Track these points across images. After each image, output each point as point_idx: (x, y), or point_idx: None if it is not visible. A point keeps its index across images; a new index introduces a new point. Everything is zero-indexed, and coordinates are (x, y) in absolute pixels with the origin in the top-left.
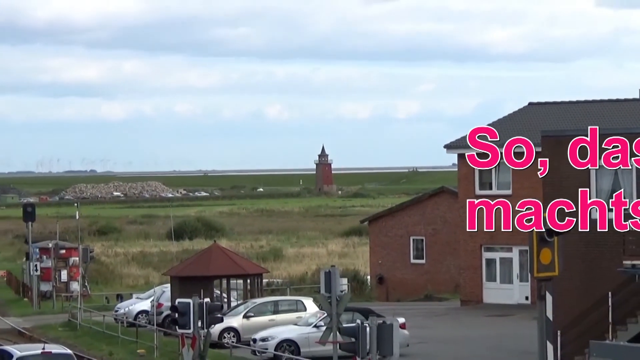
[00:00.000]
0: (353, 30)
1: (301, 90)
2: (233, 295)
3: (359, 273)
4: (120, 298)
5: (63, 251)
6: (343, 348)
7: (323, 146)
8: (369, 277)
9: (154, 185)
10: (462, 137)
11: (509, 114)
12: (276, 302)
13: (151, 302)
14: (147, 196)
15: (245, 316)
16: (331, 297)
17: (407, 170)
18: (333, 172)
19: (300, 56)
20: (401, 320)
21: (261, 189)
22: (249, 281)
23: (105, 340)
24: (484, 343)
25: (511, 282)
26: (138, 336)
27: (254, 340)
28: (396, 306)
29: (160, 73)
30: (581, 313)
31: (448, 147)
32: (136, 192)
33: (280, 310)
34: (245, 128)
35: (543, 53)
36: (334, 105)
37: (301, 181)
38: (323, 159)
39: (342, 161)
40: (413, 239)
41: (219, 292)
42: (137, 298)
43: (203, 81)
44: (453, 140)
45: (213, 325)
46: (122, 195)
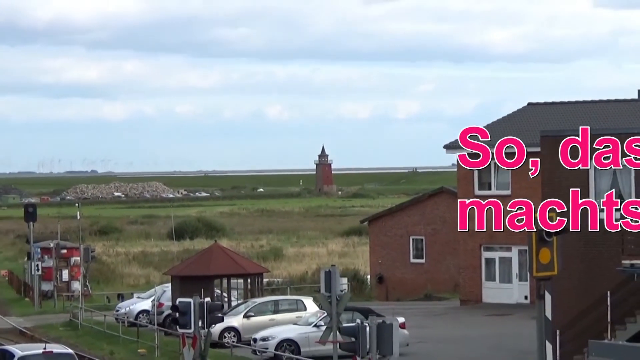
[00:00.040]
0: (353, 30)
1: (301, 90)
2: (233, 294)
3: (359, 273)
4: (121, 298)
5: (64, 251)
6: (343, 347)
7: (323, 146)
8: (369, 277)
9: (155, 185)
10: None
11: (508, 114)
12: (276, 302)
13: (152, 302)
14: (148, 196)
15: (245, 316)
16: (331, 297)
17: (407, 170)
18: (333, 173)
19: (300, 56)
20: (401, 319)
21: (261, 189)
22: (250, 281)
23: (106, 339)
24: (484, 342)
25: (510, 282)
26: (139, 336)
27: (254, 339)
28: (396, 306)
29: (160, 73)
30: (580, 312)
31: (447, 148)
32: (137, 193)
33: (280, 309)
34: (245, 128)
35: (542, 53)
36: (334, 105)
37: (301, 181)
38: (323, 159)
39: (342, 161)
40: (413, 239)
41: (220, 292)
42: (138, 298)
43: (203, 81)
44: (452, 140)
45: (214, 324)
46: (123, 195)
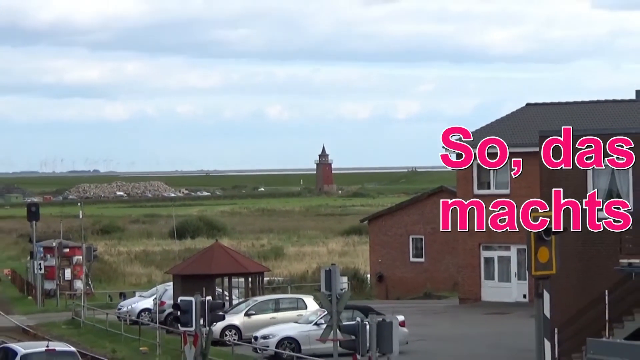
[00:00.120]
0: (353, 31)
1: (301, 90)
2: (235, 293)
3: (359, 271)
4: (123, 296)
5: (67, 250)
6: (343, 345)
7: (323, 146)
8: (369, 276)
9: (157, 185)
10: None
11: (507, 115)
12: (277, 300)
13: (154, 300)
14: (150, 196)
15: (246, 314)
16: (331, 295)
17: (407, 170)
18: (333, 172)
19: (300, 57)
20: (400, 318)
21: (262, 189)
22: (250, 279)
23: (108, 338)
24: (483, 341)
25: (509, 281)
26: (141, 334)
27: (255, 338)
28: (395, 304)
29: (161, 74)
30: (578, 311)
31: None
32: (139, 192)
33: (281, 308)
34: (246, 128)
35: (541, 54)
36: (334, 105)
37: (302, 181)
38: (323, 159)
39: (342, 161)
40: (412, 238)
41: (221, 290)
42: (140, 296)
43: (204, 82)
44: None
45: (215, 323)
46: (125, 194)
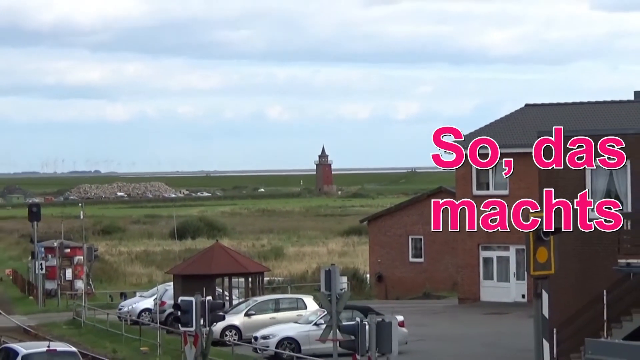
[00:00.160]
0: (353, 32)
1: (302, 91)
2: (235, 293)
3: (359, 272)
4: (123, 296)
5: (68, 250)
6: (343, 346)
7: (323, 147)
8: (369, 276)
9: (157, 185)
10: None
11: (506, 115)
12: (277, 300)
13: (154, 300)
14: (150, 196)
15: (246, 314)
16: (331, 295)
17: (406, 170)
18: (333, 173)
19: (300, 58)
20: (400, 318)
21: (262, 189)
22: (251, 279)
23: (109, 338)
24: (482, 340)
25: (508, 281)
26: (141, 334)
27: (255, 338)
28: (395, 304)
29: (162, 75)
30: (577, 311)
31: None
32: (139, 193)
33: (281, 308)
34: (246, 129)
35: (540, 55)
36: (334, 106)
37: (302, 181)
38: (323, 160)
39: (342, 162)
40: (412, 238)
41: (221, 291)
42: (141, 296)
43: (205, 83)
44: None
45: (215, 323)
46: (126, 195)
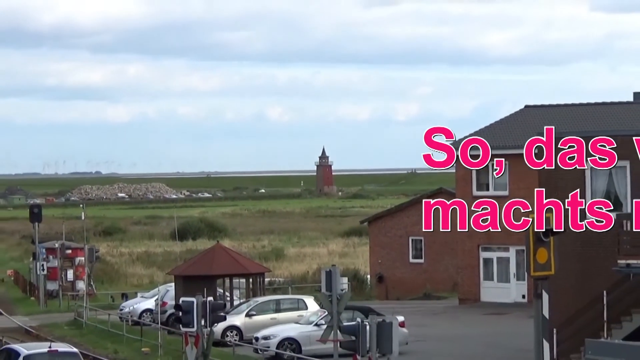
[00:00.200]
0: (353, 33)
1: (302, 93)
2: (236, 294)
3: (359, 272)
4: (125, 297)
5: (69, 251)
6: (343, 346)
7: (323, 148)
8: (369, 276)
9: (158, 186)
10: (459, 139)
11: (506, 117)
12: (278, 301)
13: (155, 301)
14: (151, 197)
15: (247, 315)
16: (332, 296)
17: (406, 171)
18: (333, 174)
19: (301, 59)
20: (400, 318)
21: (263, 190)
22: (252, 280)
23: (110, 338)
24: (482, 341)
25: (508, 281)
26: (142, 334)
27: (256, 338)
28: (395, 305)
29: (163, 76)
30: (577, 311)
31: None
32: (140, 194)
33: (282, 308)
34: (247, 130)
35: (539, 56)
36: (334, 107)
37: (302, 182)
38: (323, 161)
39: (342, 163)
40: (412, 239)
41: (222, 291)
42: (142, 297)
43: (205, 84)
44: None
45: (216, 323)
46: (127, 196)
